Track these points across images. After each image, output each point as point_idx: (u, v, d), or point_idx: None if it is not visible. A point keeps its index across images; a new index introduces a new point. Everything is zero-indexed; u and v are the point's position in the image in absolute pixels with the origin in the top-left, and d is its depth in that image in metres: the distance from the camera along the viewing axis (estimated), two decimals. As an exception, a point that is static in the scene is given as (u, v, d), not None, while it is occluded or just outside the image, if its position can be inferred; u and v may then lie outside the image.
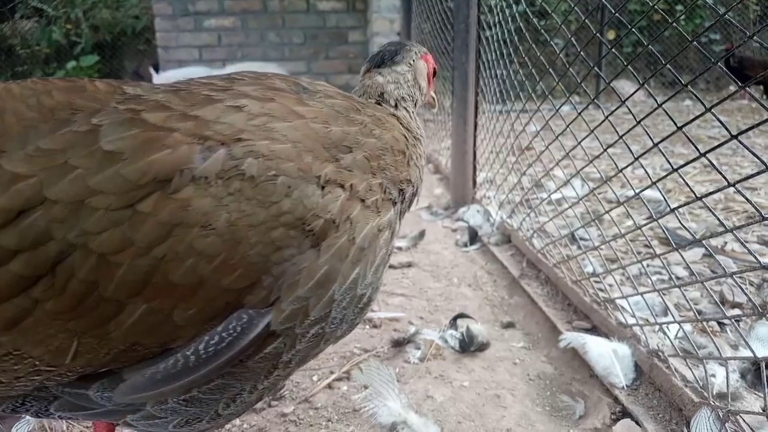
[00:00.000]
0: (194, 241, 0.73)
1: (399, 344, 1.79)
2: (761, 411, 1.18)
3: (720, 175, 1.20)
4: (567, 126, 1.93)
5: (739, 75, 7.62)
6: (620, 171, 1.64)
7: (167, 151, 0.74)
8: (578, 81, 1.83)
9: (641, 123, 1.52)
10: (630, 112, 1.57)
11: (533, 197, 2.93)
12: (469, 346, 1.74)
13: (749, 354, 1.23)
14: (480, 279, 2.40)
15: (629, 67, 1.55)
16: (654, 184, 1.48)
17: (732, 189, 1.18)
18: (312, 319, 0.86)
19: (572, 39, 1.84)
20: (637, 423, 1.34)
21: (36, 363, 0.77)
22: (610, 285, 1.99)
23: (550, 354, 1.75)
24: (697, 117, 1.36)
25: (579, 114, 1.86)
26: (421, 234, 2.92)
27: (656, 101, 1.43)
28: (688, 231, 1.46)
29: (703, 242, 1.39)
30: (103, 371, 0.82)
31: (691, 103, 7.96)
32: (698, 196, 1.31)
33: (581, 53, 1.78)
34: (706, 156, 1.24)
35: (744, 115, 6.98)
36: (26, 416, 1.33)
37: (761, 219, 1.12)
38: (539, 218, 2.68)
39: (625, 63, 1.56)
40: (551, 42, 2.12)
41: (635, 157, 1.55)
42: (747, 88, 1.19)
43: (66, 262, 0.71)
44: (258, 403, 1.12)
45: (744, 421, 1.18)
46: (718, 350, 1.39)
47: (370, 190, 0.91)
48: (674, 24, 1.38)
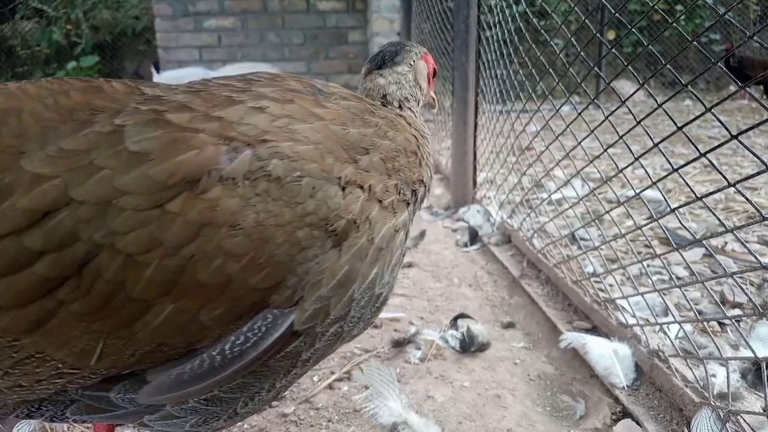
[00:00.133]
0: (222, 241, 0.73)
1: (399, 344, 1.79)
2: (762, 411, 1.18)
3: (720, 175, 1.20)
4: (567, 126, 1.93)
5: (739, 75, 7.62)
6: (620, 171, 1.64)
7: (194, 152, 0.74)
8: (578, 81, 1.83)
9: (641, 123, 1.52)
10: (630, 112, 1.57)
11: (533, 197, 2.93)
12: (470, 347, 1.74)
13: (750, 354, 1.23)
14: (480, 279, 2.40)
15: (629, 67, 1.55)
16: (654, 184, 1.48)
17: (732, 189, 1.18)
18: (332, 318, 0.87)
19: (572, 39, 1.84)
20: (638, 423, 1.34)
21: (59, 366, 0.76)
22: (611, 285, 1.99)
23: (551, 354, 1.75)
24: (698, 117, 1.36)
25: (579, 114, 1.86)
26: (422, 234, 2.92)
27: (656, 101, 1.43)
28: (689, 231, 1.46)
29: (704, 242, 1.39)
30: (125, 373, 0.81)
31: (691, 103, 7.96)
32: (698, 196, 1.31)
33: (581, 53, 1.78)
34: (707, 156, 1.24)
35: (744, 115, 6.98)
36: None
37: (761, 219, 1.12)
38: (539, 218, 2.68)
39: (625, 63, 1.56)
40: (551, 42, 2.12)
41: (635, 157, 1.55)
42: (747, 88, 1.19)
43: (93, 263, 0.71)
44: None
45: (745, 421, 1.18)
46: (719, 350, 1.39)
47: (387, 191, 0.93)
48: (674, 24, 1.38)
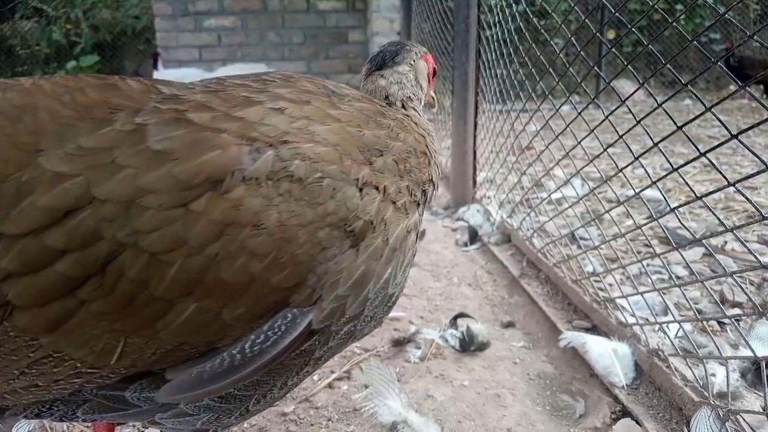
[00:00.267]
0: (246, 240, 0.73)
1: (399, 344, 1.79)
2: (761, 410, 1.18)
3: (720, 175, 1.20)
4: (567, 126, 1.93)
5: (739, 74, 7.62)
6: (620, 170, 1.64)
7: (218, 152, 0.74)
8: (578, 81, 1.83)
9: (641, 122, 1.52)
10: (630, 112, 1.57)
11: (533, 197, 2.93)
12: (470, 346, 1.74)
13: (749, 353, 1.23)
14: (480, 278, 2.40)
15: (629, 67, 1.55)
16: (654, 184, 1.47)
17: (732, 188, 1.18)
18: (347, 317, 0.88)
19: (572, 39, 1.84)
20: (637, 422, 1.34)
21: (77, 365, 0.76)
22: (610, 284, 1.99)
23: (550, 353, 1.75)
24: (697, 116, 1.36)
25: (579, 113, 1.86)
26: (422, 234, 2.92)
27: (656, 101, 1.43)
28: (688, 230, 1.46)
29: (703, 242, 1.39)
30: (143, 372, 0.81)
31: (691, 103, 7.96)
32: (698, 196, 1.31)
33: (581, 53, 1.78)
34: (706, 155, 1.24)
35: (744, 115, 6.98)
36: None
37: (761, 218, 1.12)
38: (539, 218, 2.68)
39: (625, 62, 1.56)
40: (551, 42, 2.12)
41: (635, 157, 1.55)
42: (747, 88, 1.19)
43: (116, 262, 0.70)
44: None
45: (744, 421, 1.18)
46: (718, 349, 1.39)
47: (400, 193, 0.94)
48: (674, 23, 1.38)
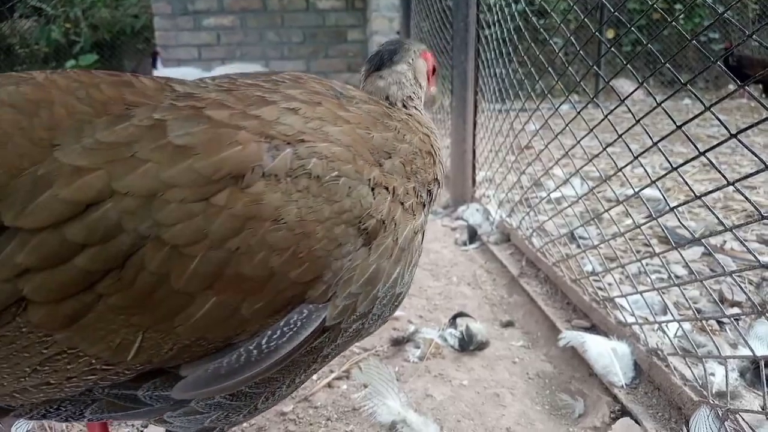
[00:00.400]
0: (266, 234, 0.74)
1: (398, 343, 1.79)
2: (760, 410, 1.18)
3: (719, 174, 1.20)
4: (566, 125, 1.93)
5: (738, 74, 7.62)
6: (620, 170, 1.64)
7: (239, 148, 0.75)
8: (577, 80, 1.83)
9: (640, 122, 1.52)
10: (629, 111, 1.57)
11: (532, 196, 2.93)
12: (469, 345, 1.74)
13: (748, 353, 1.23)
14: (479, 278, 2.40)
15: (628, 66, 1.55)
16: (653, 183, 1.47)
17: (731, 188, 1.18)
18: (357, 315, 0.89)
19: (571, 38, 1.84)
20: (637, 422, 1.34)
21: (92, 362, 0.75)
22: (610, 284, 1.99)
23: (550, 353, 1.75)
24: (697, 116, 1.36)
25: (578, 113, 1.86)
26: (421, 233, 2.92)
27: (655, 100, 1.43)
28: (688, 230, 1.46)
29: (703, 241, 1.39)
30: (155, 370, 0.80)
31: (691, 102, 7.97)
32: (697, 195, 1.31)
33: (580, 52, 1.78)
34: (706, 155, 1.24)
35: (743, 114, 6.99)
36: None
37: (760, 218, 1.12)
38: (538, 217, 2.68)
39: (625, 62, 1.56)
40: (550, 41, 2.12)
41: (634, 156, 1.55)
42: (746, 87, 1.19)
43: (137, 255, 0.70)
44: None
45: (743, 420, 1.18)
46: (718, 349, 1.39)
47: (407, 194, 0.95)
48: (673, 23, 1.38)
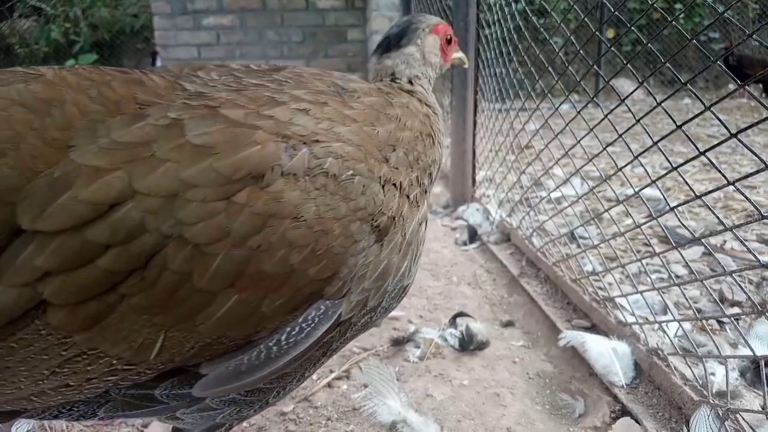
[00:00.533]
0: (287, 232, 0.75)
1: (398, 343, 1.79)
2: (761, 409, 1.18)
3: (719, 174, 1.20)
4: (566, 125, 1.93)
5: (738, 73, 7.63)
6: (620, 169, 1.64)
7: (258, 148, 0.76)
8: (577, 79, 1.83)
9: (640, 121, 1.52)
10: (629, 111, 1.57)
11: (533, 196, 2.93)
12: (469, 345, 1.74)
13: (748, 352, 1.23)
14: (479, 278, 2.40)
15: (628, 66, 1.55)
16: (653, 183, 1.47)
17: (731, 187, 1.18)
18: (367, 309, 0.91)
19: (571, 37, 1.84)
20: (637, 421, 1.34)
21: (113, 362, 0.75)
22: (610, 283, 1.99)
23: (550, 352, 1.75)
24: (697, 115, 1.36)
25: (578, 112, 1.86)
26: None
27: (655, 100, 1.43)
28: (688, 229, 1.46)
29: (703, 241, 1.38)
30: (174, 369, 0.80)
31: (691, 102, 7.97)
32: (697, 195, 1.31)
33: (580, 52, 1.78)
34: (706, 154, 1.24)
35: (743, 114, 6.98)
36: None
37: (760, 217, 1.11)
38: (539, 217, 2.68)
39: (625, 61, 1.55)
40: (550, 40, 2.11)
41: (635, 156, 1.55)
42: (746, 87, 1.19)
43: (159, 255, 0.70)
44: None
45: (743, 420, 1.18)
46: (718, 349, 1.39)
47: (412, 185, 0.97)
48: (673, 22, 1.38)
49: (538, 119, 2.40)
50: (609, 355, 1.53)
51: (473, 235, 2.88)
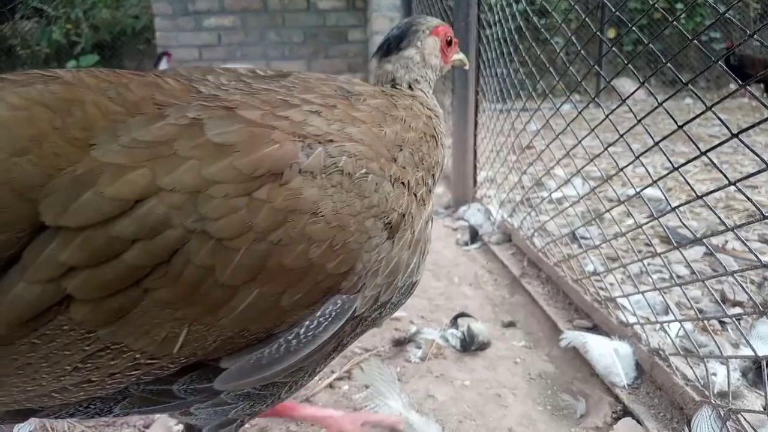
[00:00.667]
0: (306, 227, 0.77)
1: (400, 343, 1.79)
2: (762, 409, 1.17)
3: (721, 174, 1.19)
4: (567, 125, 1.93)
5: (740, 73, 7.61)
6: (621, 170, 1.64)
7: (276, 146, 0.77)
8: (578, 80, 1.83)
9: (642, 121, 1.51)
10: (630, 111, 1.57)
11: (534, 196, 2.93)
12: (470, 345, 1.74)
13: (750, 352, 1.23)
14: (481, 278, 2.40)
15: (629, 66, 1.55)
16: (655, 183, 1.47)
17: (733, 187, 1.18)
18: (378, 304, 0.93)
19: (572, 38, 1.84)
20: (638, 422, 1.34)
21: (136, 356, 0.76)
22: (611, 284, 1.99)
23: (551, 353, 1.75)
24: (698, 115, 1.36)
25: (579, 113, 1.86)
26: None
27: (657, 100, 1.43)
28: (689, 229, 1.46)
29: (704, 241, 1.38)
30: (193, 364, 0.82)
31: (692, 102, 7.96)
32: (699, 195, 1.31)
33: (581, 52, 1.78)
34: (707, 154, 1.24)
35: (744, 114, 6.98)
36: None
37: (762, 217, 1.11)
38: (540, 217, 2.68)
39: (626, 61, 1.55)
40: (551, 40, 2.11)
41: (636, 156, 1.55)
42: (747, 87, 1.19)
43: (183, 249, 0.71)
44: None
45: (745, 420, 1.18)
46: (719, 349, 1.38)
47: (418, 184, 0.99)
48: (674, 22, 1.38)
49: (539, 119, 2.40)
50: (610, 356, 1.53)
51: (474, 236, 2.88)
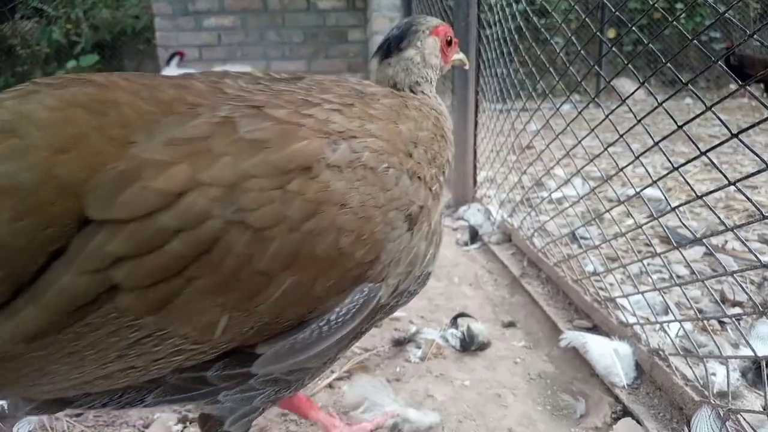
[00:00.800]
0: (336, 218, 0.81)
1: (399, 343, 1.79)
2: (762, 409, 1.17)
3: (720, 174, 1.19)
4: (567, 125, 1.93)
5: (740, 73, 7.61)
6: (621, 170, 1.64)
7: (305, 142, 0.82)
8: (578, 80, 1.83)
9: (642, 122, 1.51)
10: (630, 111, 1.57)
11: (534, 196, 2.93)
12: (470, 345, 1.74)
13: (750, 353, 1.22)
14: (481, 278, 2.40)
15: (629, 66, 1.55)
16: (654, 183, 1.47)
17: (733, 187, 1.18)
18: (398, 292, 0.98)
19: (572, 38, 1.84)
20: (638, 422, 1.34)
21: (179, 342, 0.79)
22: (611, 284, 1.99)
23: (551, 353, 1.75)
24: (698, 116, 1.36)
25: (579, 113, 1.86)
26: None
27: (656, 100, 1.43)
28: (689, 229, 1.46)
29: (704, 241, 1.38)
30: (229, 351, 0.85)
31: (692, 102, 7.96)
32: (699, 195, 1.31)
33: (581, 52, 1.78)
34: (707, 154, 1.24)
35: (744, 114, 6.98)
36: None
37: (762, 218, 1.11)
38: (540, 217, 2.68)
39: (626, 61, 1.55)
40: (551, 41, 2.11)
41: (636, 156, 1.55)
42: (747, 87, 1.19)
43: (223, 239, 0.75)
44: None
45: (744, 420, 1.18)
46: (719, 349, 1.39)
47: (432, 180, 1.03)
48: (674, 22, 1.38)
49: (539, 119, 2.40)
50: (610, 356, 1.53)
51: (474, 236, 2.88)
